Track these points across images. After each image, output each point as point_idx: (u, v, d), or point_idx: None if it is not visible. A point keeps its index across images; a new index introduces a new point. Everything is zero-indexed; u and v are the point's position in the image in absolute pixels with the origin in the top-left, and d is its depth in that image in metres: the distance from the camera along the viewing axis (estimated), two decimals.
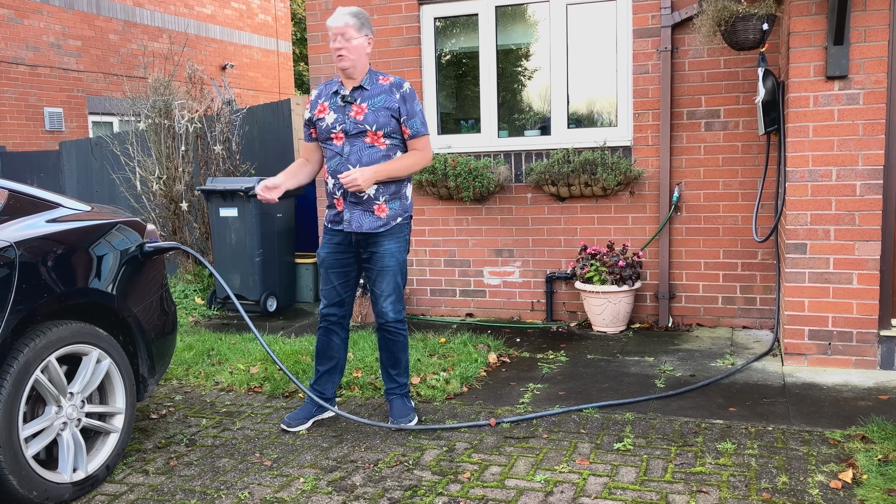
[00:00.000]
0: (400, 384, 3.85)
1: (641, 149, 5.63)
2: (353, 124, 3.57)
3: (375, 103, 3.57)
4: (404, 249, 3.73)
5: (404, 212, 3.70)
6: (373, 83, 3.61)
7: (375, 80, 3.62)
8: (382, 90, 3.59)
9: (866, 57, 4.25)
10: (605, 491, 3.03)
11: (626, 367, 4.68)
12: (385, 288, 3.69)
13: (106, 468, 3.26)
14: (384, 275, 3.68)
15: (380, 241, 3.66)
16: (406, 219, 3.72)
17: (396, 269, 3.68)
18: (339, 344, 3.86)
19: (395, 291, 3.70)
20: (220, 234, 6.63)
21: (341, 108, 3.61)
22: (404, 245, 3.73)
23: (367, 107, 3.57)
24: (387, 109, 3.56)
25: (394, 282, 3.69)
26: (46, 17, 11.89)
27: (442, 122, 6.25)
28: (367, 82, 3.60)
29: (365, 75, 3.62)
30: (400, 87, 3.60)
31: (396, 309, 3.72)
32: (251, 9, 16.51)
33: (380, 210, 3.63)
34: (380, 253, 3.67)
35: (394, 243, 3.67)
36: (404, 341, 3.80)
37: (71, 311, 3.26)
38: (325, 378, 3.88)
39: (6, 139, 11.37)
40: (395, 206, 3.66)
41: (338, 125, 3.60)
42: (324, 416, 3.93)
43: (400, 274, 3.70)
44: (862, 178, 4.34)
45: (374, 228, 3.63)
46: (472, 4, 5.98)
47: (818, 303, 4.49)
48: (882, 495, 2.87)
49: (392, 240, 3.66)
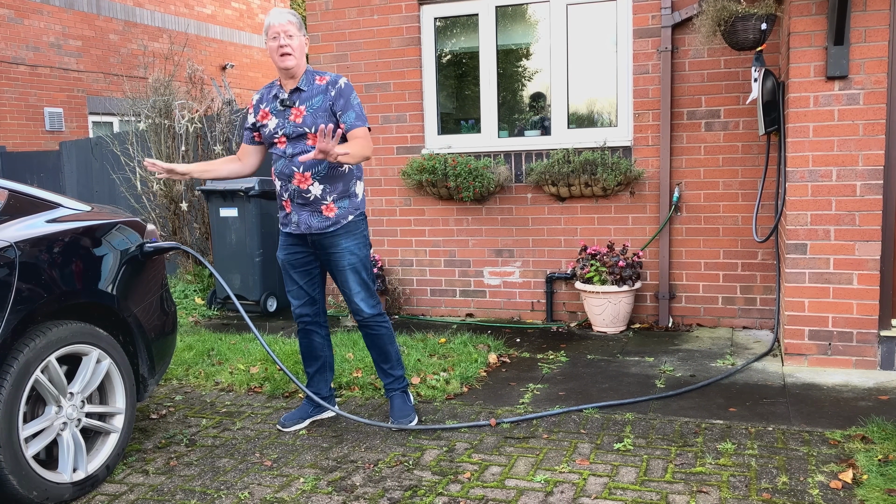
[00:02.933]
0: (396, 377, 3.83)
1: (641, 149, 5.63)
2: (293, 127, 3.56)
3: (313, 105, 3.55)
4: (363, 245, 3.70)
5: (355, 209, 3.68)
6: (310, 84, 3.59)
7: (312, 80, 3.59)
8: (319, 90, 3.57)
9: (866, 57, 4.25)
10: (605, 491, 3.03)
11: (626, 368, 4.68)
12: (352, 286, 3.68)
13: (106, 468, 3.26)
14: (347, 274, 3.66)
15: (334, 241, 3.64)
16: (358, 216, 3.69)
17: (358, 265, 3.67)
18: (320, 342, 3.87)
19: (364, 288, 3.69)
20: (220, 235, 6.63)
21: (281, 112, 3.61)
22: (362, 240, 3.70)
23: (306, 108, 3.56)
24: (324, 111, 3.54)
25: (359, 278, 3.67)
26: (46, 17, 11.89)
27: (442, 122, 6.26)
28: (305, 83, 3.58)
29: (302, 76, 3.60)
30: (335, 84, 3.57)
31: (370, 304, 3.70)
32: (251, 9, 16.51)
33: (327, 210, 3.61)
34: (338, 253, 3.65)
35: (350, 241, 3.65)
36: (387, 333, 3.78)
37: (71, 311, 3.26)
38: (316, 378, 3.90)
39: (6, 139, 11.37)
40: (345, 205, 3.64)
41: (279, 130, 3.59)
42: (322, 416, 3.93)
43: (364, 270, 3.69)
44: (862, 179, 4.34)
45: (323, 229, 3.62)
46: (472, 4, 5.98)
47: (818, 303, 4.49)
48: (882, 495, 2.87)
49: (347, 238, 3.65)
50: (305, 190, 3.59)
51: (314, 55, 6.40)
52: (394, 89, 6.21)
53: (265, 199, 6.47)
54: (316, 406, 3.89)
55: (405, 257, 6.38)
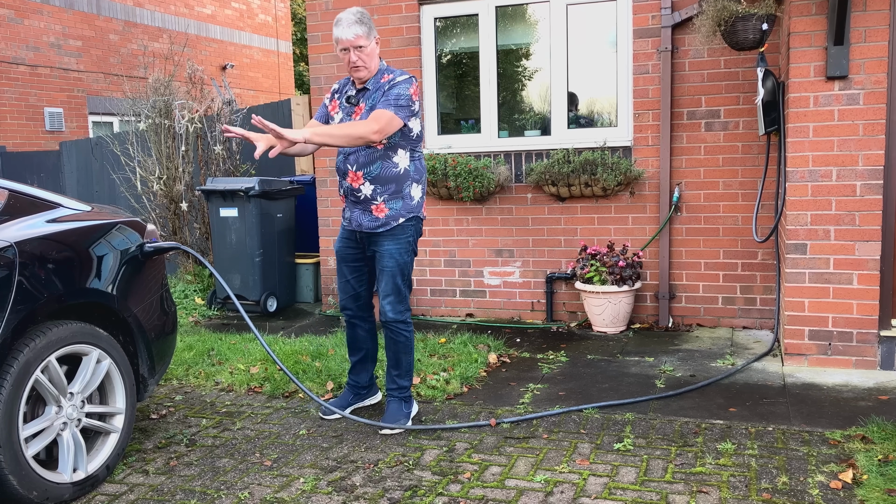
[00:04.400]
0: (399, 387, 3.83)
1: (641, 149, 5.63)
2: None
3: (371, 101, 3.61)
4: (406, 251, 3.70)
5: (408, 212, 3.67)
6: (376, 83, 3.63)
7: (380, 79, 3.64)
8: (379, 88, 3.61)
9: (866, 57, 4.25)
10: (605, 491, 3.03)
11: (626, 368, 4.68)
12: (384, 288, 3.69)
13: (106, 468, 3.26)
14: (383, 274, 3.69)
15: (380, 240, 3.68)
16: (410, 220, 3.68)
17: (396, 270, 3.67)
18: (363, 335, 3.94)
19: (395, 292, 3.69)
20: (220, 234, 6.63)
21: (347, 109, 3.70)
22: (406, 247, 3.69)
23: (365, 107, 3.62)
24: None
25: (392, 282, 3.68)
26: (46, 17, 11.89)
27: (442, 122, 6.26)
28: (372, 83, 3.64)
29: (373, 76, 3.64)
30: (394, 80, 3.59)
31: (396, 310, 3.71)
32: (251, 9, 16.52)
33: (378, 210, 3.64)
34: (380, 252, 3.69)
35: (393, 244, 3.66)
36: (405, 343, 3.78)
37: (71, 311, 3.26)
38: (357, 367, 4.02)
39: (6, 139, 11.37)
40: (397, 207, 3.64)
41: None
42: (363, 403, 4.08)
43: (400, 275, 3.69)
44: (862, 179, 4.34)
45: (372, 228, 3.66)
46: (472, 4, 5.98)
47: (818, 303, 4.49)
48: (882, 495, 2.87)
49: (392, 241, 3.66)
50: (357, 189, 3.64)
51: (314, 55, 6.40)
52: None
53: (265, 199, 6.47)
54: (356, 394, 4.03)
55: None
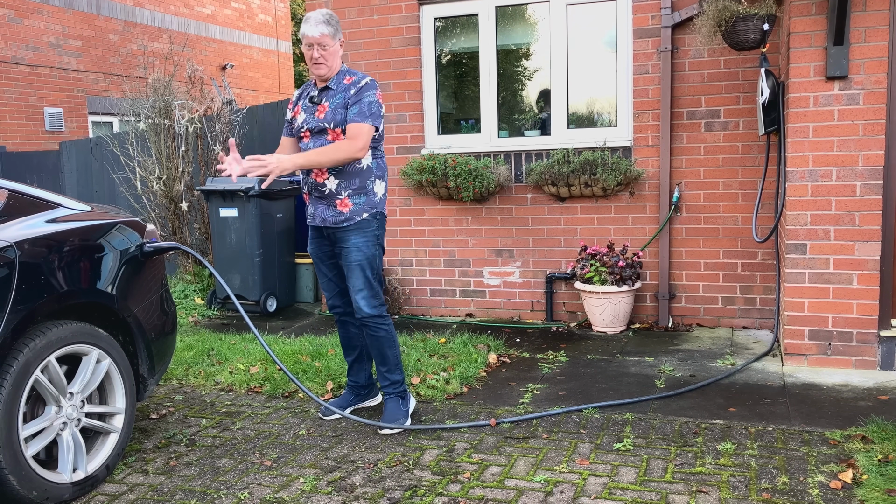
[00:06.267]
0: (392, 382, 3.82)
1: (641, 149, 5.63)
2: (316, 122, 3.68)
3: (335, 102, 3.65)
4: (373, 244, 3.72)
5: (371, 207, 3.71)
6: (338, 83, 3.69)
7: (342, 80, 3.69)
8: (343, 89, 3.66)
9: (866, 57, 4.25)
10: (605, 491, 3.03)
11: (626, 368, 4.68)
12: (355, 283, 3.70)
13: (106, 468, 3.26)
14: (352, 270, 3.69)
15: (346, 235, 3.69)
16: (374, 214, 3.72)
17: (364, 263, 3.68)
18: (356, 332, 3.94)
19: (367, 286, 3.70)
20: (220, 234, 6.63)
21: (310, 108, 3.73)
22: (372, 240, 3.72)
23: (329, 105, 3.66)
24: (343, 107, 3.62)
25: (363, 276, 3.69)
26: (46, 17, 11.89)
27: (442, 122, 6.26)
28: (334, 82, 3.69)
29: (334, 76, 3.70)
30: (358, 83, 3.64)
31: (371, 304, 3.70)
32: (251, 9, 16.51)
33: (342, 205, 3.67)
34: (347, 248, 3.70)
35: (360, 237, 3.68)
36: (387, 336, 3.78)
37: (71, 311, 3.26)
38: (355, 367, 4.02)
39: (6, 139, 11.37)
40: (360, 202, 3.68)
41: (305, 124, 3.73)
42: (364, 404, 4.09)
43: (369, 268, 3.70)
44: (862, 179, 4.34)
45: (336, 223, 3.69)
46: (472, 4, 5.98)
47: (818, 303, 4.49)
48: (882, 495, 2.87)
49: (358, 234, 3.68)
50: (321, 183, 3.68)
51: None
52: (394, 89, 6.21)
53: (265, 199, 6.47)
54: (356, 395, 4.03)
55: (405, 257, 6.38)
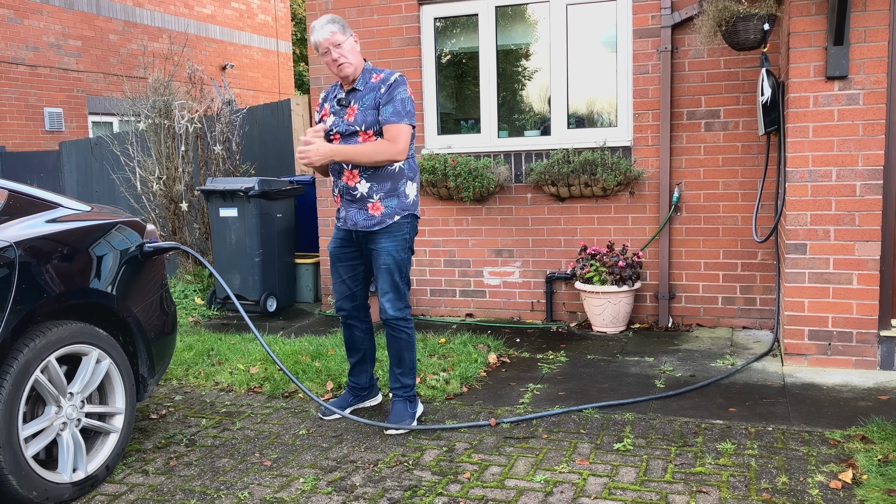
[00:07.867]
0: (403, 385, 3.83)
1: (641, 149, 5.63)
2: (346, 125, 3.66)
3: (364, 103, 3.63)
4: (402, 248, 3.72)
5: (403, 210, 3.70)
6: (365, 83, 3.67)
7: (368, 79, 3.67)
8: (372, 88, 3.64)
9: (866, 57, 4.25)
10: (605, 491, 3.03)
11: (626, 368, 4.68)
12: (382, 285, 3.71)
13: (106, 468, 3.26)
14: (381, 272, 3.71)
15: (376, 238, 3.69)
16: (405, 217, 3.71)
17: (393, 267, 3.69)
18: (360, 336, 3.95)
19: (393, 289, 3.71)
20: (219, 235, 6.63)
21: (339, 111, 3.72)
22: (402, 244, 3.72)
23: (358, 107, 3.64)
24: (373, 108, 3.61)
25: (391, 280, 3.70)
26: (46, 17, 11.89)
27: (442, 123, 6.25)
28: (361, 83, 3.67)
29: (360, 76, 3.68)
30: (386, 81, 3.63)
31: (396, 307, 3.72)
32: (251, 9, 16.52)
33: (374, 208, 3.66)
34: (377, 251, 3.70)
35: (390, 241, 3.68)
36: (408, 340, 3.79)
37: (71, 311, 3.26)
38: (356, 369, 4.02)
39: (6, 139, 11.37)
40: (392, 205, 3.67)
41: (335, 127, 3.70)
42: (364, 405, 4.09)
43: (398, 272, 3.71)
44: (862, 179, 4.34)
45: (368, 227, 3.68)
46: (472, 4, 5.98)
47: (818, 303, 4.49)
48: (882, 495, 2.87)
49: (388, 238, 3.68)
50: (353, 187, 3.68)
51: (313, 55, 6.40)
52: None
53: (265, 200, 6.47)
54: (356, 396, 4.04)
55: None
